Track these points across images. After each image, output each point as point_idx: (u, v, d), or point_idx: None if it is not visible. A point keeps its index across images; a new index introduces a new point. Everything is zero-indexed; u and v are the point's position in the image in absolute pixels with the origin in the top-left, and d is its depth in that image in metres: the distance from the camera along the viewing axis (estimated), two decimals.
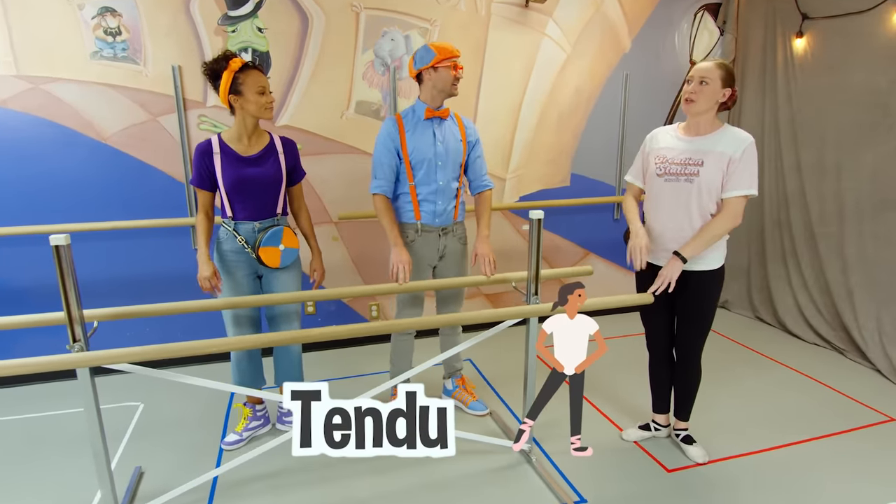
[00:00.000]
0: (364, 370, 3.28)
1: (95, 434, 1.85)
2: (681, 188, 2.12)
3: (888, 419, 2.71)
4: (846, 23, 3.29)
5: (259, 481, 2.27)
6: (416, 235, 2.52)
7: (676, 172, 2.12)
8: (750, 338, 3.69)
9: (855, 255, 3.32)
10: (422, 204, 2.49)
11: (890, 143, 3.10)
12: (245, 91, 2.20)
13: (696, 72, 2.08)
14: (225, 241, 2.34)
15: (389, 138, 2.42)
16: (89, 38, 2.90)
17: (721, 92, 2.05)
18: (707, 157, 2.07)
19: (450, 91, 2.41)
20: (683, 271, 2.19)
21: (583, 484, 2.24)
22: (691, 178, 2.09)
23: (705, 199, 2.10)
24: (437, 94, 2.42)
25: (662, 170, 2.16)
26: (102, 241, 3.10)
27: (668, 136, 2.21)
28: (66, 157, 2.98)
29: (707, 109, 2.08)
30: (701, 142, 2.10)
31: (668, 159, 2.15)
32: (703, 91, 2.05)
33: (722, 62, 2.08)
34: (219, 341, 1.81)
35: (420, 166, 2.44)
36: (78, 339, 1.75)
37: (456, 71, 2.38)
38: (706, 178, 2.07)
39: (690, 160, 2.09)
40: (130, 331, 3.20)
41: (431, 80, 2.39)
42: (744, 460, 2.39)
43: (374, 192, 2.45)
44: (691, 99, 2.07)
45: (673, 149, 2.16)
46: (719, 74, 2.04)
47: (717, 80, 2.04)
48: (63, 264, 1.68)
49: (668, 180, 2.14)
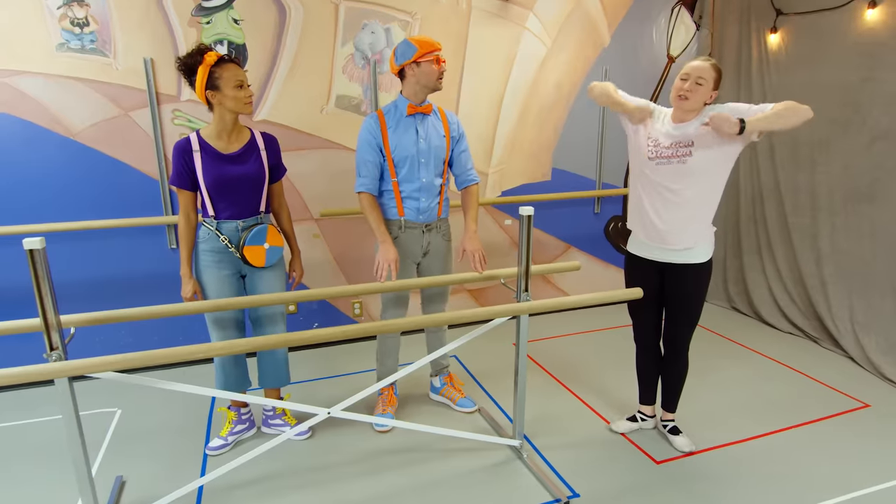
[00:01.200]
0: (349, 369, 3.24)
1: (75, 443, 1.77)
2: (674, 170, 2.13)
3: (863, 405, 2.79)
4: (819, 19, 3.36)
5: (247, 487, 2.22)
6: (400, 232, 2.48)
7: (668, 156, 2.14)
8: (727, 328, 3.77)
9: (828, 247, 3.41)
10: (405, 201, 2.45)
11: (861, 138, 3.18)
12: (222, 86, 2.12)
13: (692, 70, 2.08)
14: (207, 240, 2.26)
15: (371, 135, 2.38)
16: (55, 29, 2.76)
17: (710, 93, 2.09)
18: (696, 139, 2.09)
19: (434, 86, 2.38)
20: (672, 264, 2.21)
21: (574, 478, 2.25)
22: (684, 158, 2.10)
23: (701, 179, 2.10)
24: (420, 90, 2.38)
25: (655, 153, 2.17)
26: (73, 241, 2.98)
27: (664, 119, 2.21)
28: (32, 154, 2.85)
29: (697, 108, 2.11)
30: (686, 127, 2.13)
31: (659, 143, 2.17)
32: (698, 91, 2.07)
33: (715, 63, 2.10)
34: (204, 347, 1.75)
35: (403, 163, 2.40)
36: (56, 347, 1.67)
37: (439, 65, 2.35)
38: (699, 155, 2.07)
39: (680, 143, 2.12)
40: (104, 334, 3.09)
41: (415, 76, 2.35)
42: (728, 449, 2.44)
43: (358, 191, 2.40)
44: (686, 97, 2.09)
45: (664, 134, 2.17)
46: (713, 76, 2.07)
47: (711, 82, 2.07)
48: (38, 269, 1.60)
49: (659, 164, 2.16)
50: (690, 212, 2.14)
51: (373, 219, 2.38)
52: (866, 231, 3.21)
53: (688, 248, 2.18)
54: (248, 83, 2.19)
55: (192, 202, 2.24)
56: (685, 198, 2.13)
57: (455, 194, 2.68)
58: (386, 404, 2.67)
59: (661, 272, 2.28)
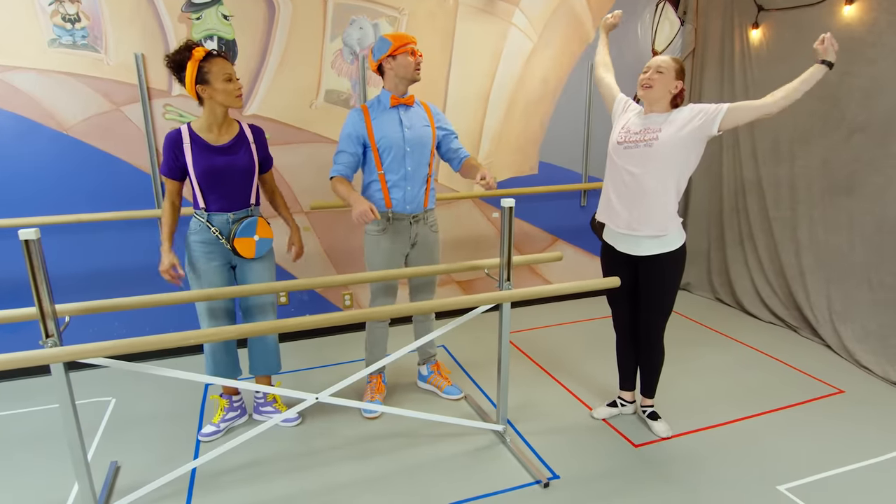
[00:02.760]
0: (339, 359, 3.31)
1: (71, 428, 1.83)
2: (640, 153, 2.22)
3: (837, 391, 2.88)
4: (799, 15, 3.43)
5: (238, 471, 2.29)
6: (388, 224, 2.54)
7: (636, 140, 2.24)
8: (710, 318, 3.86)
9: (807, 238, 3.50)
10: (391, 190, 2.51)
11: (839, 133, 3.26)
12: (212, 80, 2.18)
13: (652, 63, 2.24)
14: (197, 232, 2.33)
15: (353, 128, 2.45)
16: (47, 25, 2.80)
17: (674, 83, 2.20)
18: (664, 125, 2.21)
19: (412, 76, 2.45)
20: (644, 256, 2.29)
21: (555, 461, 2.34)
22: (650, 142, 2.20)
23: (669, 166, 2.19)
24: (399, 82, 2.45)
25: (623, 137, 2.28)
26: (66, 234, 3.03)
27: (633, 112, 2.35)
28: (25, 148, 2.89)
29: (662, 97, 2.22)
30: (656, 116, 2.25)
31: (629, 129, 2.29)
32: (659, 79, 2.19)
33: (676, 58, 2.25)
34: (196, 333, 1.82)
35: (388, 153, 2.46)
36: (51, 335, 1.73)
37: (415, 56, 2.42)
38: (664, 139, 2.17)
39: (649, 129, 2.23)
40: (97, 326, 3.14)
41: (393, 69, 2.43)
42: (705, 433, 2.52)
43: (332, 176, 2.44)
44: (649, 84, 2.21)
45: (634, 122, 2.30)
46: (673, 66, 2.20)
47: (672, 72, 2.20)
48: (34, 259, 1.65)
49: (627, 147, 2.26)
50: (651, 199, 2.22)
51: (342, 189, 2.36)
52: (844, 223, 3.29)
53: (655, 237, 2.26)
54: (236, 77, 2.25)
55: (179, 191, 2.33)
56: (646, 185, 2.22)
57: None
58: (374, 392, 2.75)
59: (634, 264, 2.35)
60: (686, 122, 2.18)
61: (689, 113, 2.20)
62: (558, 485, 2.20)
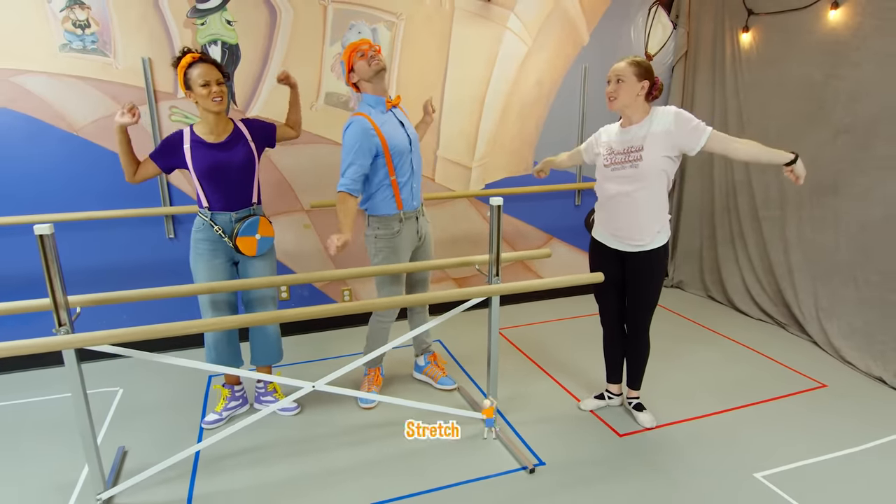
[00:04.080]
0: (338, 352, 3.42)
1: (82, 413, 1.95)
2: (627, 174, 2.30)
3: (820, 385, 2.97)
4: (787, 19, 3.51)
5: (240, 456, 2.40)
6: (401, 225, 2.61)
7: (621, 161, 2.31)
8: (701, 315, 3.94)
9: (795, 237, 3.58)
10: (402, 191, 2.59)
11: (825, 133, 3.34)
12: (192, 85, 2.29)
13: (611, 73, 2.27)
14: (201, 230, 2.44)
15: (367, 141, 2.42)
16: (58, 30, 2.93)
17: (639, 85, 2.24)
18: (645, 141, 2.26)
19: (373, 72, 2.46)
20: (632, 252, 2.39)
21: (542, 449, 2.44)
22: (636, 163, 2.27)
23: (657, 178, 2.28)
24: (371, 86, 2.50)
25: (609, 160, 2.35)
26: (76, 231, 3.16)
27: (611, 131, 2.42)
28: (37, 149, 3.02)
29: (629, 103, 2.27)
30: (636, 129, 2.30)
31: (612, 150, 2.35)
32: (621, 88, 2.24)
33: (634, 60, 2.25)
34: (198, 322, 1.93)
35: (398, 156, 2.53)
36: (63, 324, 1.85)
37: (365, 56, 2.46)
38: (649, 159, 2.25)
39: (632, 147, 2.29)
40: (106, 318, 3.26)
41: (358, 76, 2.50)
42: (688, 424, 2.62)
43: (340, 190, 2.44)
44: (614, 97, 2.27)
45: (616, 141, 2.36)
46: (632, 71, 2.23)
47: (632, 76, 2.22)
48: (48, 253, 1.77)
49: (615, 169, 2.33)
50: (646, 213, 2.32)
51: (343, 215, 2.41)
52: (830, 222, 3.37)
53: (645, 237, 2.36)
54: (218, 81, 2.29)
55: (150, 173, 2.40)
56: (639, 201, 2.31)
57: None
58: (372, 384, 2.85)
59: (621, 259, 2.45)
60: (666, 138, 2.22)
61: (669, 124, 2.22)
62: (543, 471, 2.30)
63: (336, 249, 2.25)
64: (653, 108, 2.31)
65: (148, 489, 2.19)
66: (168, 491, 2.19)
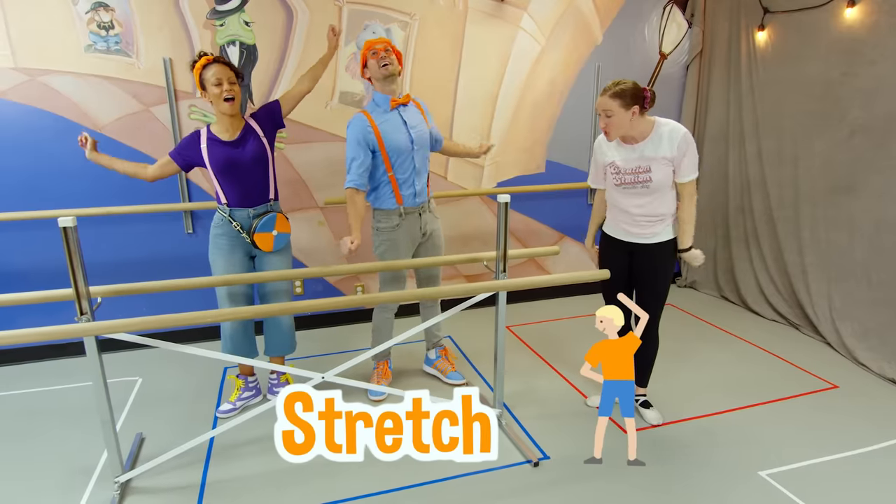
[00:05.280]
0: (349, 346, 3.49)
1: (102, 400, 2.04)
2: (639, 193, 2.37)
3: (831, 386, 2.95)
4: (803, 17, 3.49)
5: (253, 444, 2.48)
6: (401, 219, 2.69)
7: (631, 181, 2.36)
8: (714, 315, 3.93)
9: (809, 237, 3.55)
10: (401, 187, 2.65)
11: (840, 133, 3.31)
12: (206, 85, 2.38)
13: (599, 107, 2.27)
14: (220, 225, 2.53)
15: (362, 135, 2.53)
16: (83, 31, 3.03)
17: (628, 113, 2.23)
18: (652, 164, 2.30)
19: (381, 75, 2.55)
20: (639, 245, 2.42)
21: (547, 443, 2.47)
22: (647, 184, 2.33)
23: (666, 194, 2.36)
24: (381, 84, 2.58)
25: (619, 180, 2.39)
26: (100, 225, 3.27)
27: (613, 147, 2.41)
28: (63, 146, 3.13)
29: (626, 130, 2.29)
30: (643, 148, 2.32)
31: (620, 169, 2.38)
32: (612, 122, 2.25)
33: (616, 90, 2.21)
34: (214, 312, 2.00)
35: (397, 154, 2.59)
36: (85, 312, 1.93)
37: (377, 56, 2.54)
38: (657, 181, 2.32)
39: (640, 168, 2.33)
40: (126, 309, 3.35)
41: (369, 73, 2.60)
42: (695, 422, 2.62)
43: (347, 187, 2.55)
44: (607, 131, 2.30)
45: (622, 159, 2.38)
46: (618, 104, 2.21)
47: (618, 108, 2.22)
48: (70, 244, 1.86)
49: (626, 188, 2.39)
50: (658, 217, 2.38)
51: (352, 214, 2.52)
52: (845, 222, 3.34)
53: (652, 231, 2.40)
54: (230, 80, 2.38)
55: (168, 172, 2.53)
56: (652, 210, 2.37)
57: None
58: (381, 377, 2.91)
59: (630, 252, 2.47)
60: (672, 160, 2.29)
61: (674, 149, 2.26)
62: (547, 465, 2.33)
63: (349, 252, 2.39)
64: (657, 121, 2.32)
65: (163, 474, 2.28)
66: (183, 476, 2.28)
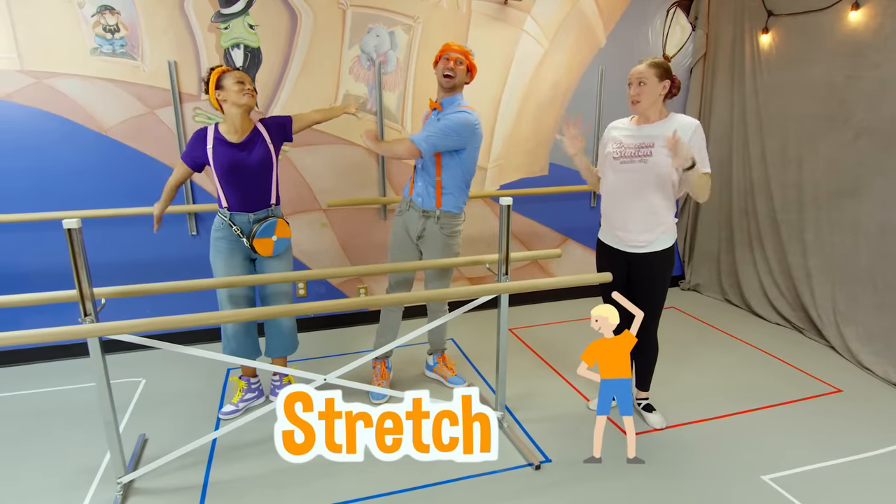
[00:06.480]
0: (351, 349, 3.49)
1: (105, 401, 2.05)
2: (636, 169, 2.33)
3: (835, 390, 2.94)
4: (807, 20, 3.48)
5: (255, 445, 2.48)
6: (405, 209, 2.75)
7: (631, 155, 2.34)
8: (718, 319, 3.92)
9: (813, 240, 3.54)
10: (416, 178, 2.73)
11: (845, 135, 3.30)
12: (226, 84, 2.42)
13: (633, 75, 2.31)
14: (220, 229, 2.54)
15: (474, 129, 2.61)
16: (89, 34, 3.06)
17: (660, 86, 2.28)
18: (657, 140, 2.29)
19: (440, 82, 2.63)
20: (637, 253, 2.40)
21: (549, 446, 2.46)
22: (645, 158, 2.31)
23: (663, 177, 2.31)
24: (439, 89, 2.67)
25: (619, 153, 2.38)
26: (105, 227, 3.28)
27: (623, 126, 2.44)
28: (69, 148, 3.15)
29: (653, 103, 2.31)
30: (651, 129, 2.33)
31: (623, 144, 2.38)
32: (644, 91, 2.28)
33: (653, 61, 2.29)
34: (215, 314, 2.02)
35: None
36: (89, 314, 1.94)
37: (446, 63, 2.59)
38: (658, 157, 2.29)
39: (643, 144, 2.32)
40: (130, 311, 3.37)
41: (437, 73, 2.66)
42: (698, 426, 2.62)
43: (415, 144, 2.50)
44: (636, 100, 2.30)
45: (628, 136, 2.39)
46: (654, 72, 2.27)
47: (653, 78, 2.27)
48: (75, 245, 1.87)
49: (623, 162, 2.36)
50: (649, 211, 2.34)
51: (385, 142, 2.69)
52: (849, 225, 3.33)
53: (650, 242, 2.38)
54: (250, 84, 2.47)
55: (185, 176, 2.57)
56: (643, 196, 2.33)
57: None
58: (379, 378, 2.91)
59: (627, 261, 2.47)
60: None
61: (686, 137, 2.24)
62: (549, 468, 2.33)
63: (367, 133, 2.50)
64: (672, 114, 2.34)
65: (166, 474, 2.28)
66: (185, 476, 2.29)
